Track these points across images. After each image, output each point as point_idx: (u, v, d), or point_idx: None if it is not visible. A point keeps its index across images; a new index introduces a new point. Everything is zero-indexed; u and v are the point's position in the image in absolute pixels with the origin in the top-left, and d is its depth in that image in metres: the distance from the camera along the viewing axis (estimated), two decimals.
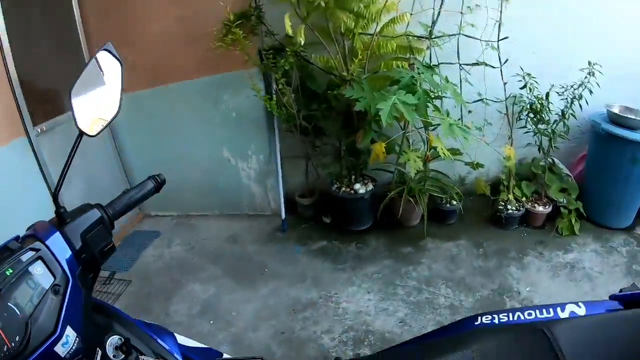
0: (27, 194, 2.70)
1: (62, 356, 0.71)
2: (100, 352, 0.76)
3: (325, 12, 2.55)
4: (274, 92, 2.98)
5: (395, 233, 2.97)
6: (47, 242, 0.76)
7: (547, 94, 2.70)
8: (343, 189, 2.99)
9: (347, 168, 3.05)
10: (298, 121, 2.98)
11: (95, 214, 0.84)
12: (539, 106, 2.69)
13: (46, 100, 3.01)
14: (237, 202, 3.55)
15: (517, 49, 2.76)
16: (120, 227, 3.47)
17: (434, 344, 1.03)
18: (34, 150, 2.74)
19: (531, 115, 2.76)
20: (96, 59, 0.88)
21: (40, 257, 0.72)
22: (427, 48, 2.75)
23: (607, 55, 2.66)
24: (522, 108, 2.81)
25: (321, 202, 3.28)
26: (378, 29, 2.67)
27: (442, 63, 2.80)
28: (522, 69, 2.73)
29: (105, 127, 0.89)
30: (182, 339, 1.01)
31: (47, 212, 0.98)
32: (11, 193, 2.55)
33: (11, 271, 0.68)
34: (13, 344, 0.65)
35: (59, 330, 0.71)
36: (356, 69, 2.66)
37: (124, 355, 0.80)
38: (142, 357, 0.85)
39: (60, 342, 0.71)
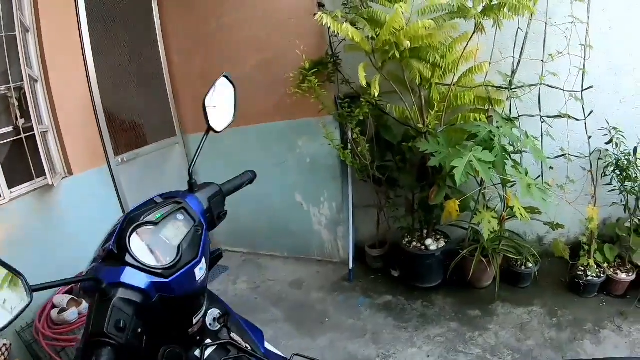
0: (105, 211, 3.33)
1: (197, 279, 1.05)
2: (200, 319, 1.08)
3: (400, 62, 2.80)
4: (348, 141, 3.27)
5: (464, 294, 3.09)
6: (186, 200, 1.18)
7: (635, 149, 2.72)
8: (414, 243, 3.21)
9: (419, 222, 3.26)
10: (372, 172, 3.24)
11: (215, 187, 1.32)
12: (625, 162, 2.71)
13: (128, 133, 3.63)
14: (306, 246, 3.92)
15: (603, 99, 2.83)
16: None
17: None
18: (113, 178, 3.39)
19: (617, 172, 2.77)
20: (222, 79, 1.40)
21: (183, 208, 1.11)
22: (507, 99, 2.88)
23: None
24: (608, 164, 2.83)
25: (391, 254, 3.50)
26: (455, 79, 2.82)
27: (522, 115, 2.94)
28: (607, 121, 2.77)
29: (226, 127, 1.42)
30: (268, 345, 1.32)
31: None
32: (91, 209, 3.18)
33: (159, 216, 1.06)
34: (165, 262, 1.00)
35: (199, 256, 1.06)
36: (432, 121, 2.85)
37: (219, 326, 1.13)
38: (233, 334, 1.16)
39: (199, 266, 1.06)
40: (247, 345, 1.16)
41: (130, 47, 3.82)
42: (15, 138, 2.89)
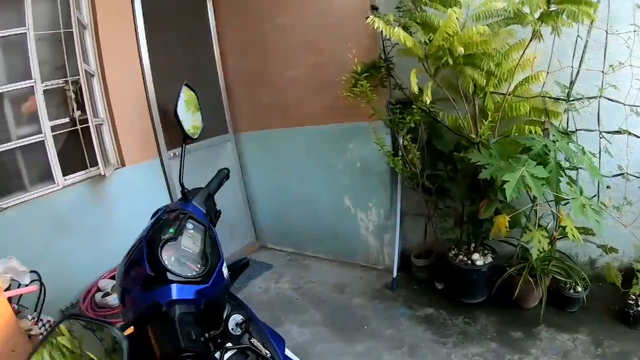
0: (154, 203, 3.73)
1: (225, 276, 1.21)
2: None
3: (454, 69, 2.78)
4: (399, 148, 3.28)
5: (508, 313, 3.04)
6: (189, 209, 1.33)
7: None
8: (460, 256, 3.18)
9: (467, 235, 3.22)
10: (421, 180, 3.25)
11: (205, 191, 1.52)
12: None
13: (180, 129, 4.07)
14: (351, 251, 3.99)
15: None
16: (235, 253, 4.26)
17: None
18: (164, 172, 3.65)
19: None
20: (183, 89, 1.57)
21: (190, 217, 1.25)
22: (564, 112, 2.80)
23: None
24: None
25: (436, 265, 3.49)
26: (511, 89, 2.77)
27: (579, 129, 2.83)
28: None
29: (198, 135, 1.63)
30: (288, 352, 1.41)
31: None
32: (140, 201, 3.40)
33: (172, 230, 1.17)
34: (198, 269, 1.11)
35: (221, 256, 1.21)
36: (485, 131, 2.80)
37: (240, 331, 1.18)
38: (254, 340, 1.22)
39: (224, 265, 1.21)
40: (267, 352, 1.22)
41: (184, 45, 4.01)
42: (71, 129, 3.13)
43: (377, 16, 2.68)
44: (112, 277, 3.24)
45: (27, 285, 2.23)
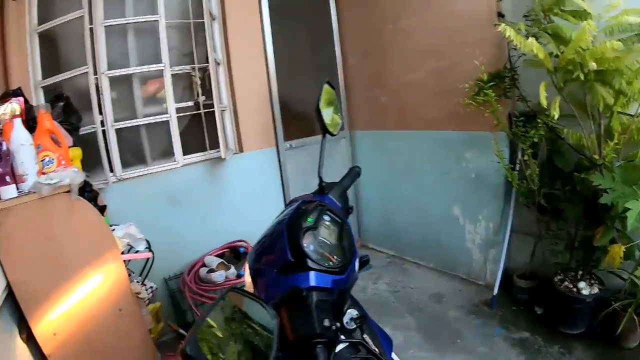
0: (266, 190, 3.94)
1: (356, 270, 1.28)
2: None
3: (583, 85, 2.70)
4: (517, 162, 3.25)
5: (606, 350, 2.89)
6: (326, 201, 1.41)
7: None
8: (566, 283, 3.07)
9: (576, 261, 3.10)
10: (537, 198, 3.17)
11: (340, 186, 1.60)
12: None
13: (298, 122, 4.11)
14: (454, 262, 3.99)
15: None
16: None
17: None
18: (279, 162, 3.95)
19: None
20: (324, 86, 1.63)
21: (328, 209, 1.33)
22: None
23: None
24: None
25: (539, 289, 3.39)
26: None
27: None
28: None
29: (339, 131, 1.67)
30: (394, 355, 1.44)
31: (280, 203, 2.93)
32: (254, 186, 3.76)
33: (311, 220, 1.24)
34: (335, 260, 1.18)
35: (356, 250, 1.28)
36: (610, 153, 2.69)
37: (354, 326, 1.21)
38: (365, 336, 1.28)
39: (357, 257, 1.29)
40: (377, 350, 1.27)
41: (307, 41, 4.28)
42: (194, 112, 3.51)
43: (506, 24, 2.70)
44: (218, 255, 3.56)
45: (140, 252, 2.50)
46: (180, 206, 3.55)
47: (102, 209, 2.23)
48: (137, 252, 2.50)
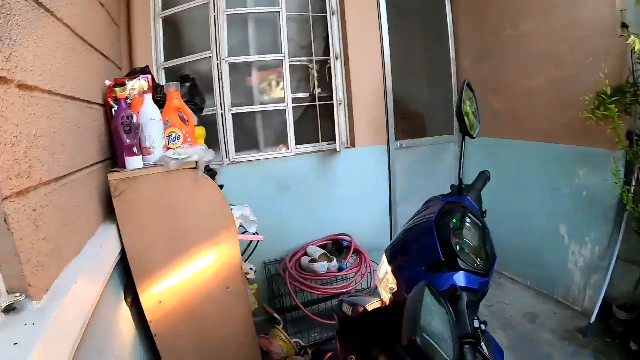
0: (374, 187, 4.05)
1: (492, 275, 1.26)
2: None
3: None
4: (633, 184, 3.12)
5: None
6: (466, 203, 1.48)
7: None
8: None
9: None
10: None
11: (475, 189, 1.64)
12: None
13: (409, 122, 4.17)
14: (552, 283, 3.89)
15: None
16: None
17: None
18: (389, 160, 4.02)
19: None
20: (465, 88, 1.68)
21: (470, 212, 1.38)
22: None
23: None
24: None
25: (637, 323, 3.23)
26: None
27: None
28: None
29: (478, 134, 1.73)
30: None
31: (386, 202, 3.09)
32: (362, 182, 3.90)
33: (455, 221, 1.30)
34: (479, 262, 1.23)
35: (496, 254, 1.30)
36: None
37: (478, 330, 1.17)
38: (483, 344, 1.27)
39: (496, 264, 1.29)
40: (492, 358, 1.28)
41: (422, 42, 4.31)
42: (309, 104, 3.71)
43: (635, 36, 2.63)
44: (321, 246, 3.72)
45: (252, 234, 2.65)
46: (288, 194, 3.79)
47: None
48: (253, 233, 2.66)
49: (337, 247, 3.90)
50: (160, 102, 2.22)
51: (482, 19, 4.21)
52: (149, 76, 2.33)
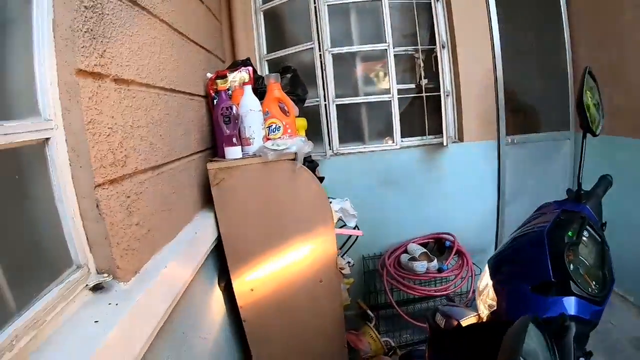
0: (481, 185, 3.86)
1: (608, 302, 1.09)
2: None
3: None
4: None
5: None
6: (585, 212, 1.31)
7: None
8: None
9: None
10: None
11: (596, 196, 1.45)
12: None
13: (521, 116, 3.94)
14: None
15: None
16: None
17: None
18: (499, 157, 3.80)
19: None
20: (586, 76, 1.53)
21: (589, 224, 1.21)
22: None
23: None
24: None
25: None
26: None
27: None
28: None
29: (600, 130, 1.54)
30: None
31: (493, 202, 2.80)
32: (470, 178, 3.74)
33: (571, 234, 1.14)
34: (593, 287, 1.09)
35: (614, 277, 1.13)
36: None
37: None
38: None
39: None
40: None
41: (534, 30, 4.01)
42: (414, 95, 3.62)
43: None
44: (422, 244, 3.62)
45: (351, 228, 2.60)
46: (391, 188, 3.72)
47: (320, 180, 2.36)
48: (352, 227, 2.63)
49: (439, 246, 3.77)
50: (262, 93, 2.26)
51: (598, 3, 3.84)
52: (250, 68, 2.39)
